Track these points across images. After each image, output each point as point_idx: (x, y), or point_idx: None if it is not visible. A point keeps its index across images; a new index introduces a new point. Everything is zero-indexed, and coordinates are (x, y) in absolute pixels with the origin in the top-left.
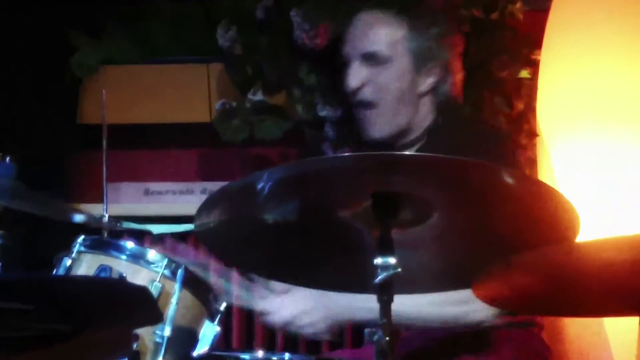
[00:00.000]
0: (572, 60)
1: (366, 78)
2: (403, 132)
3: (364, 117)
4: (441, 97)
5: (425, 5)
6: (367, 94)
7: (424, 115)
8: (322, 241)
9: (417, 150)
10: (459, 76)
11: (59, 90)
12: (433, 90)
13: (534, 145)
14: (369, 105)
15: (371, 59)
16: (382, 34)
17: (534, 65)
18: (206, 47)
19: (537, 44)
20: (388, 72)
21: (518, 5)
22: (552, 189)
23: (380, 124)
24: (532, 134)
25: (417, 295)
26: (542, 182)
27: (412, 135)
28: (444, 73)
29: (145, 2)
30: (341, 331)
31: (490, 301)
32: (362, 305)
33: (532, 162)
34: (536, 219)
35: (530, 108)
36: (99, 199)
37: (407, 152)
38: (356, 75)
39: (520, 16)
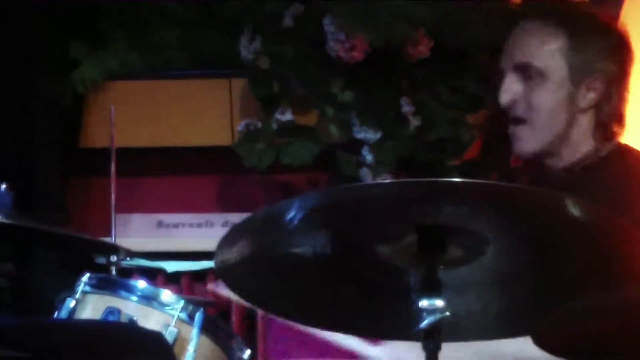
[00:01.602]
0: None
1: (519, 93)
2: (553, 151)
3: (513, 132)
4: (602, 117)
5: (587, 17)
6: (518, 110)
7: (581, 135)
8: (358, 280)
9: (569, 179)
10: (625, 95)
11: (60, 109)
12: (593, 107)
13: None
14: (520, 121)
15: (525, 70)
16: (538, 45)
17: None
18: (227, 59)
19: None
20: (541, 88)
21: None
22: (625, 222)
23: (528, 141)
24: None
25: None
26: (613, 213)
27: (565, 159)
28: (606, 89)
29: (156, 8)
30: None
31: (553, 351)
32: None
33: None
34: (605, 256)
35: None
36: (106, 232)
37: (458, 179)
38: (508, 89)
39: None
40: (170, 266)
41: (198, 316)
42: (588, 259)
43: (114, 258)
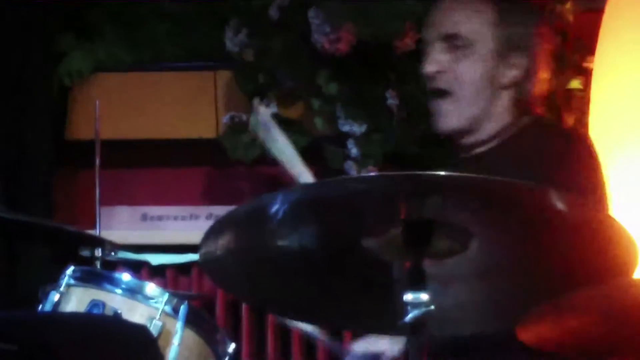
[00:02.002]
0: (630, 69)
1: (444, 64)
2: (475, 127)
3: (436, 107)
4: (522, 95)
5: None
6: (443, 81)
7: (500, 112)
8: (344, 274)
9: (487, 151)
10: (545, 75)
11: (46, 101)
12: (515, 85)
13: None
14: (443, 94)
15: (452, 41)
16: (465, 15)
17: (586, 74)
18: (213, 51)
19: (589, 49)
20: (468, 60)
21: (568, 5)
22: (609, 217)
23: (452, 115)
24: None
25: None
26: (598, 208)
27: (484, 133)
28: (528, 67)
29: (143, 1)
30: None
31: (537, 345)
32: None
33: None
34: (589, 250)
35: (582, 123)
36: (90, 224)
37: (443, 173)
38: (434, 59)
39: (571, 18)
40: (155, 259)
41: (183, 309)
42: (572, 253)
43: (98, 251)
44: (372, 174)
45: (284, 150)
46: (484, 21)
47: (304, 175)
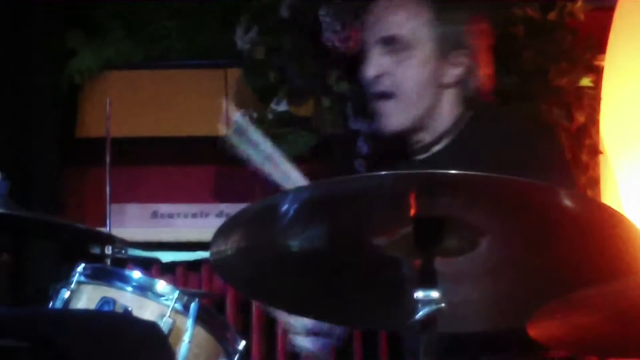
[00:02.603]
0: None
1: (385, 67)
2: (420, 127)
3: (381, 109)
4: (468, 92)
5: None
6: (385, 84)
7: (448, 110)
8: (355, 272)
9: (445, 148)
10: (487, 71)
11: (56, 98)
12: (458, 83)
13: (596, 164)
14: (386, 96)
15: (391, 44)
16: (402, 17)
17: (597, 72)
18: (223, 49)
19: (600, 47)
20: (408, 61)
21: (579, 3)
22: (618, 213)
23: (396, 116)
24: (595, 151)
25: None
26: (607, 205)
27: (433, 133)
28: (470, 65)
29: None
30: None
31: (547, 342)
32: None
33: (595, 183)
34: (599, 248)
35: (593, 121)
36: (101, 222)
37: (454, 171)
38: (374, 63)
39: (582, 16)
40: (165, 256)
41: (193, 307)
42: (582, 250)
43: (109, 248)
44: (383, 172)
45: (268, 154)
46: (421, 22)
47: (294, 176)
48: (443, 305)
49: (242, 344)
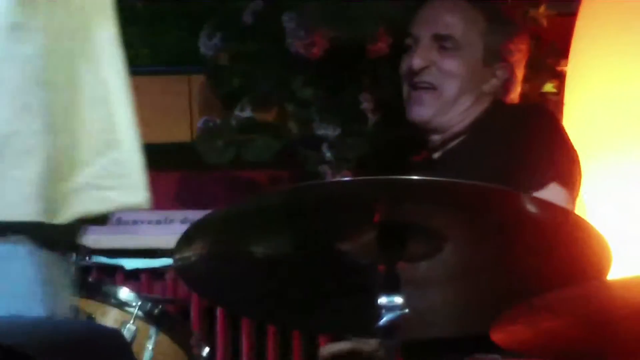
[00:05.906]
0: (604, 72)
1: (432, 61)
2: (446, 127)
3: (418, 98)
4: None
5: (500, 8)
6: (428, 76)
7: (471, 114)
8: (321, 278)
9: (458, 145)
10: (519, 88)
11: None
12: (494, 94)
13: None
14: (429, 87)
15: (443, 42)
16: (459, 18)
17: (560, 78)
18: (187, 56)
19: (563, 53)
20: (457, 60)
21: (541, 9)
22: (581, 219)
23: (431, 105)
24: None
25: None
26: (570, 211)
27: (452, 132)
28: (507, 79)
29: (116, 4)
30: None
31: (511, 347)
32: None
33: None
34: (562, 253)
35: None
36: None
37: (416, 177)
38: (423, 56)
39: (544, 22)
40: (129, 263)
41: (157, 314)
42: (546, 255)
43: (72, 255)
44: (347, 178)
45: None
46: (476, 29)
47: None
48: (407, 311)
49: (207, 350)
